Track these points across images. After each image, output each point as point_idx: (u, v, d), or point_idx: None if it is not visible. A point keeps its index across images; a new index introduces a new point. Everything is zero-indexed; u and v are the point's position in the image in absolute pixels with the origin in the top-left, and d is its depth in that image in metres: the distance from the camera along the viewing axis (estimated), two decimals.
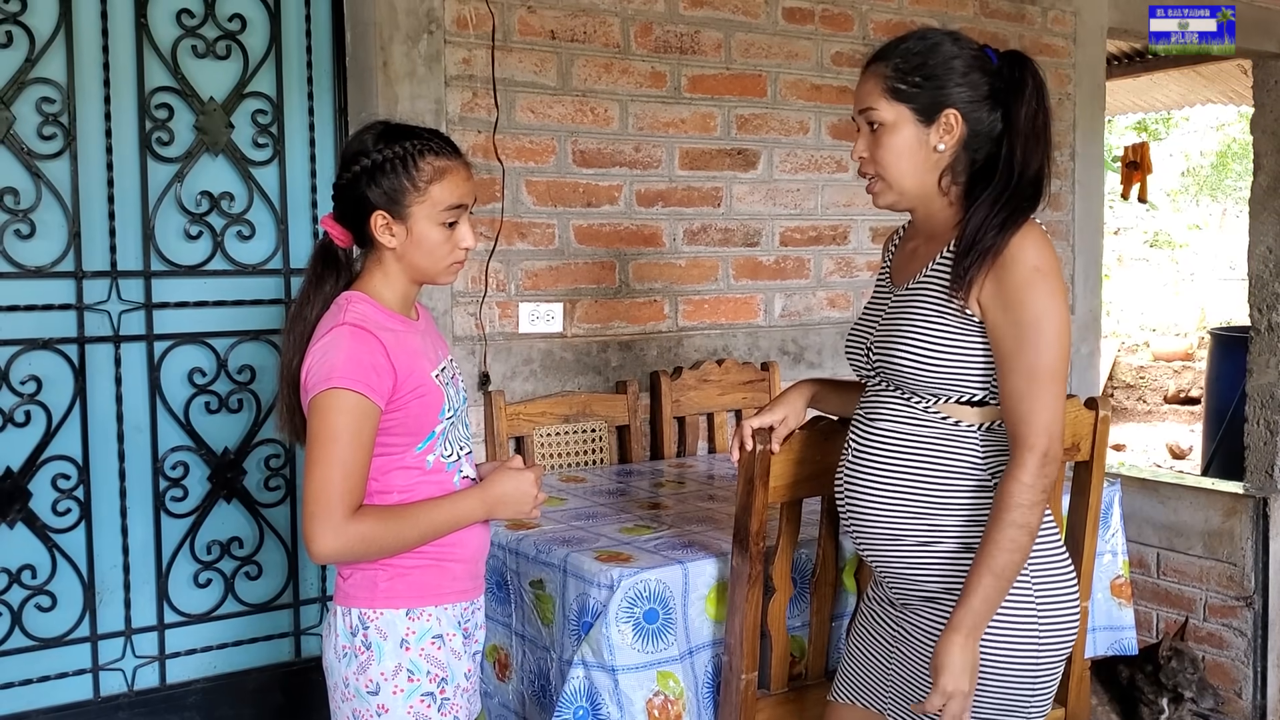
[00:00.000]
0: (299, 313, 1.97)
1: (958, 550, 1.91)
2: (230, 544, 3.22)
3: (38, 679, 2.98)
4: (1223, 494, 3.63)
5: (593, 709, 2.21)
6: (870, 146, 1.95)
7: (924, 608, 1.95)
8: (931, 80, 1.89)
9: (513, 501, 2.02)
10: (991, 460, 1.91)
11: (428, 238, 1.93)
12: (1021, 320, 1.82)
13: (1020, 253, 1.83)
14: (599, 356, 3.61)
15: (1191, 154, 15.82)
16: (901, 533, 1.95)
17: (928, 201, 1.97)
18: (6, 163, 2.90)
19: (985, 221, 1.86)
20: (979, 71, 1.91)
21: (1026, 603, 1.88)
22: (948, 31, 1.95)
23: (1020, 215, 1.86)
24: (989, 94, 1.91)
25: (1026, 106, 1.90)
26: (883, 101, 1.92)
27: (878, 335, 2.00)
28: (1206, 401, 7.46)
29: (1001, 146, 1.91)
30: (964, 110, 1.89)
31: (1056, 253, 1.88)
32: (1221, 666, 3.57)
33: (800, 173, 3.98)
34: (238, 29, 3.15)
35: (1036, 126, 1.91)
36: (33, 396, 2.94)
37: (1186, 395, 10.88)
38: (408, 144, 1.91)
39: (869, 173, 1.97)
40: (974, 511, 1.90)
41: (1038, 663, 1.89)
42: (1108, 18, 4.72)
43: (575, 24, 3.49)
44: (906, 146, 1.92)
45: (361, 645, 1.92)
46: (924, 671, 1.92)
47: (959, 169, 1.93)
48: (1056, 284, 1.84)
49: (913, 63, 1.90)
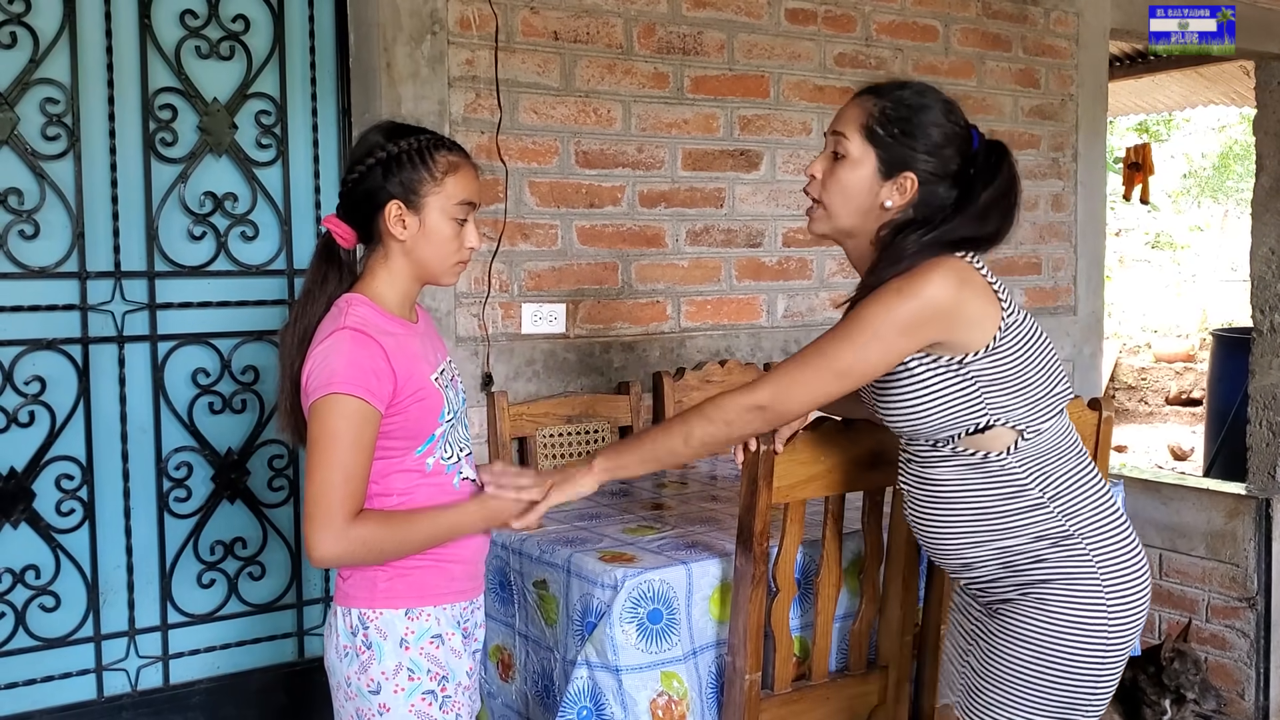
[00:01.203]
0: (300, 313, 1.97)
1: (1030, 563, 1.93)
2: (234, 544, 3.22)
3: (41, 679, 2.98)
4: (1225, 495, 3.63)
5: (596, 709, 2.21)
6: (825, 171, 1.99)
7: (1003, 607, 1.97)
8: (907, 138, 1.91)
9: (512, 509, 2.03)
10: (1035, 476, 1.93)
11: (439, 231, 1.94)
12: (848, 317, 1.88)
13: (896, 276, 1.85)
14: (601, 357, 3.61)
15: (1193, 155, 15.83)
16: (974, 559, 1.98)
17: (859, 244, 2.00)
18: (10, 163, 2.90)
19: (896, 260, 1.88)
20: (954, 148, 1.92)
21: (1097, 600, 1.90)
22: (946, 100, 1.95)
23: (932, 254, 1.87)
24: (955, 173, 1.92)
25: (994, 190, 1.90)
26: (856, 136, 1.94)
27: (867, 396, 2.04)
28: (1208, 403, 7.46)
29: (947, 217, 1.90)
30: (922, 179, 1.91)
31: (952, 285, 1.84)
32: (1224, 667, 3.57)
33: (803, 174, 3.97)
34: (241, 30, 3.16)
35: (1001, 207, 1.91)
36: (36, 397, 2.94)
37: (1188, 397, 10.88)
38: (423, 138, 1.95)
39: (814, 195, 2.01)
40: (1039, 528, 1.92)
41: (1105, 662, 1.92)
42: (1110, 19, 4.72)
43: (578, 25, 3.50)
44: (858, 189, 1.94)
45: (362, 645, 1.93)
46: (992, 665, 1.95)
47: (898, 228, 1.94)
48: (904, 304, 1.83)
49: (898, 114, 1.92)
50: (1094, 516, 1.93)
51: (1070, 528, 1.91)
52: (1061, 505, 1.92)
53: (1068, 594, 1.90)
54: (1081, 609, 1.89)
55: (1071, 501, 1.93)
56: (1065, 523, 1.91)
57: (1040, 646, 1.90)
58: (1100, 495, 1.97)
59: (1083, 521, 1.92)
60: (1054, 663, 1.90)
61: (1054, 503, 1.92)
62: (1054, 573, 1.91)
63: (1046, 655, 1.90)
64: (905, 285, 1.84)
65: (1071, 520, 1.92)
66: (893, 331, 1.85)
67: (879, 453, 2.35)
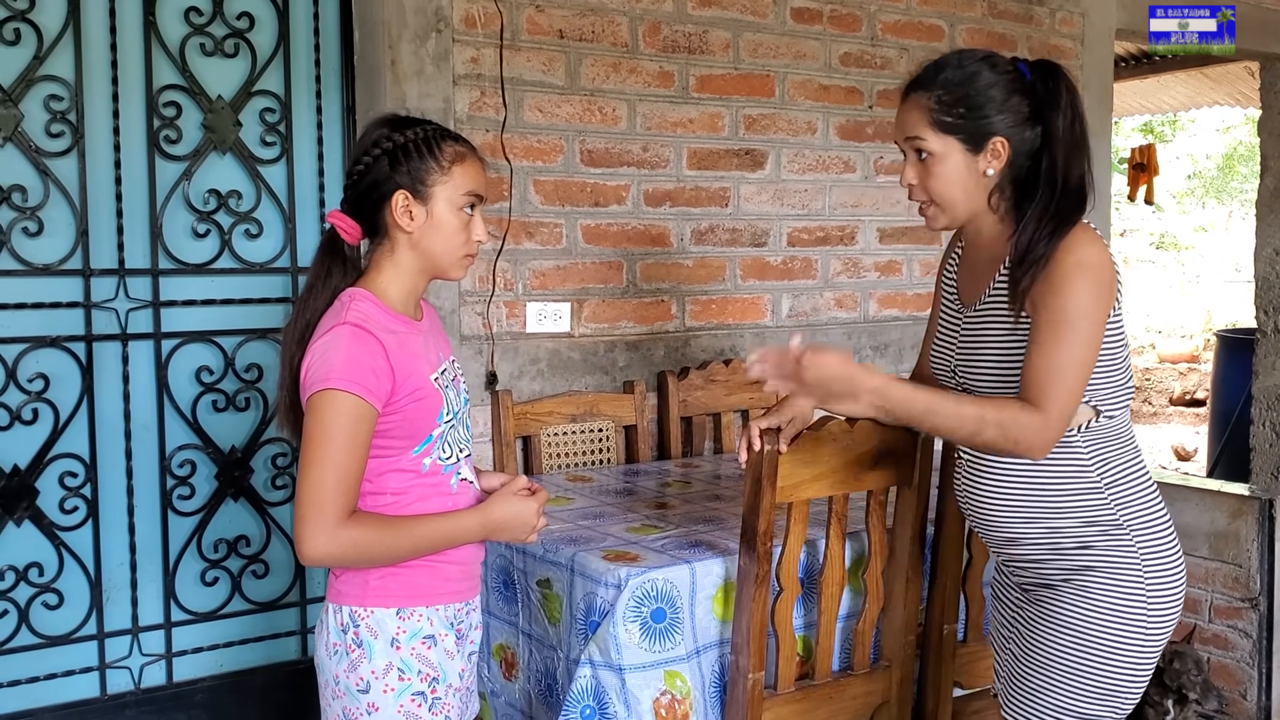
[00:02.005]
0: (303, 307, 1.95)
1: (1076, 547, 1.96)
2: (237, 542, 3.22)
3: (45, 676, 2.99)
4: (1228, 496, 3.61)
5: (600, 708, 2.21)
6: (920, 175, 2.00)
7: (1044, 593, 2.00)
8: (975, 111, 1.93)
9: (512, 528, 1.99)
10: (1097, 460, 1.95)
11: (447, 222, 1.93)
12: (1054, 309, 1.86)
13: (1065, 252, 1.87)
14: (606, 356, 3.61)
15: (1198, 156, 15.82)
16: (1022, 534, 2.01)
17: (978, 219, 2.02)
18: (14, 161, 2.90)
19: (1034, 235, 1.90)
20: (1018, 94, 1.94)
21: (1138, 590, 1.93)
22: (983, 55, 1.98)
23: (1067, 224, 1.90)
24: (1029, 114, 1.94)
25: (1063, 117, 1.93)
26: (930, 133, 1.96)
27: (958, 357, 2.05)
28: (1212, 403, 7.44)
29: (1042, 158, 1.94)
30: (1009, 135, 1.94)
31: (1108, 253, 1.90)
32: (1226, 668, 3.56)
33: (808, 173, 3.98)
34: (246, 27, 3.16)
35: (1075, 135, 1.94)
36: (40, 394, 2.95)
37: (1192, 397, 10.86)
38: (429, 128, 1.94)
39: (920, 199, 2.03)
40: (1090, 513, 1.95)
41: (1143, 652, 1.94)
42: (1115, 19, 4.71)
43: (583, 23, 3.49)
44: (957, 174, 1.96)
45: (352, 643, 1.91)
46: (1034, 651, 1.98)
47: (1005, 184, 1.98)
48: (1097, 281, 1.87)
49: (955, 94, 1.94)
50: (1143, 509, 1.97)
51: (1121, 517, 1.94)
52: (1115, 494, 1.95)
53: (1110, 583, 1.93)
54: (1123, 599, 1.93)
55: (1125, 491, 1.96)
56: (1116, 512, 1.95)
57: (1080, 633, 1.94)
58: (1150, 490, 2.00)
59: (1133, 512, 1.95)
60: (1093, 650, 1.93)
61: (1109, 489, 1.95)
62: (1098, 560, 1.94)
63: (1088, 641, 1.93)
64: (1083, 256, 1.87)
65: (1123, 510, 1.95)
66: (1100, 311, 1.88)
67: (882, 452, 2.35)
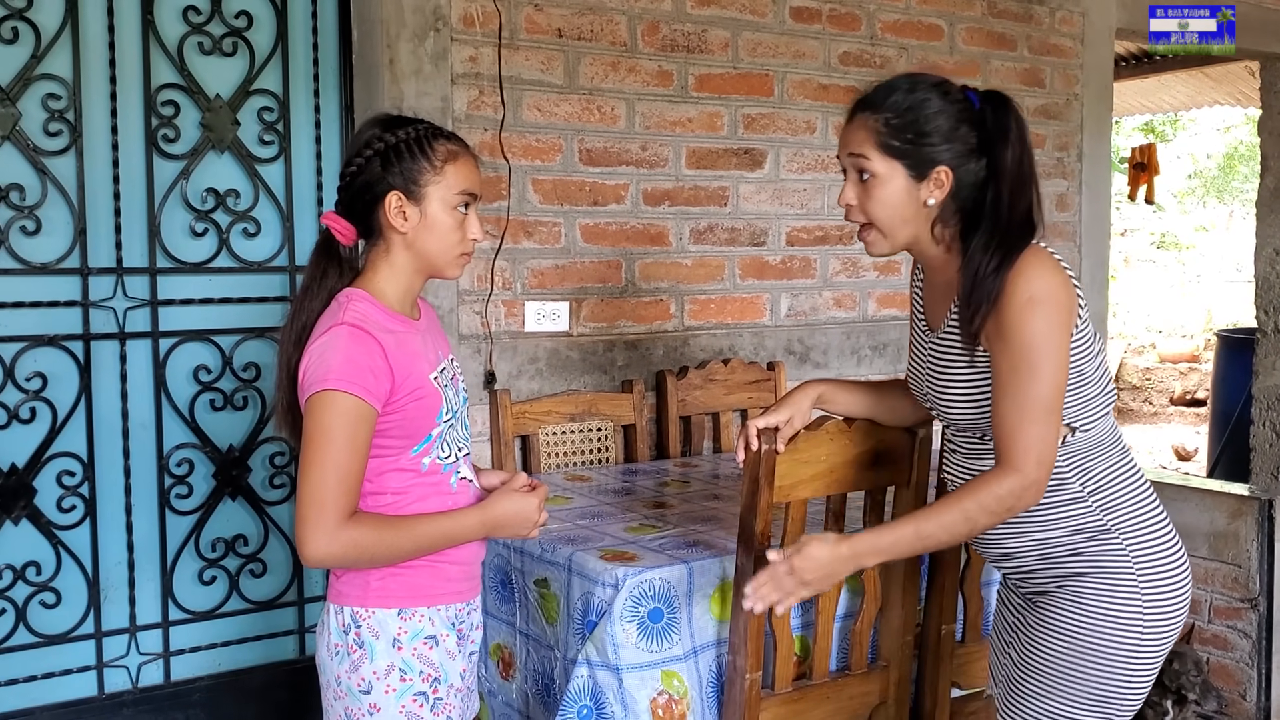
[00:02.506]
0: (299, 309, 1.94)
1: (1066, 556, 1.96)
2: (235, 541, 3.22)
3: (42, 676, 2.99)
4: (1228, 496, 3.61)
5: (597, 708, 2.21)
6: (860, 196, 1.97)
7: (1040, 599, 2.00)
8: (922, 138, 1.91)
9: (514, 525, 1.99)
10: (1077, 470, 1.95)
11: (441, 221, 1.92)
12: (1014, 348, 1.84)
13: (1014, 287, 1.85)
14: (605, 355, 3.60)
15: (1198, 156, 15.80)
16: (1012, 549, 2.02)
17: (923, 248, 2.00)
18: (12, 159, 2.90)
19: (980, 269, 1.88)
20: (966, 124, 1.92)
21: (1133, 594, 1.92)
22: (935, 81, 1.96)
23: (1014, 253, 1.87)
24: (976, 146, 1.92)
25: (1011, 151, 1.91)
26: (875, 154, 1.93)
27: (927, 381, 2.05)
28: (1212, 403, 7.44)
29: (988, 190, 1.92)
30: (954, 165, 1.91)
31: (1060, 274, 1.87)
32: (1225, 668, 3.56)
33: (807, 172, 3.98)
34: (244, 26, 3.15)
35: (1022, 169, 1.92)
36: (38, 393, 2.94)
37: (1192, 397, 10.85)
38: (420, 127, 1.93)
39: (857, 220, 1.99)
40: (1076, 522, 1.95)
41: (1140, 657, 1.93)
42: (1115, 18, 4.71)
43: (582, 22, 3.49)
44: (897, 199, 1.94)
45: (354, 644, 1.90)
46: (1030, 656, 1.98)
47: (948, 216, 1.95)
48: (1053, 312, 1.84)
49: (904, 119, 1.91)
50: (1134, 513, 1.95)
51: (1108, 523, 1.94)
52: (1100, 500, 1.94)
53: (1103, 589, 1.92)
54: (1116, 604, 1.91)
55: (1111, 498, 1.95)
56: (1103, 518, 1.94)
57: (1075, 639, 1.93)
58: (1142, 494, 1.99)
59: (1121, 518, 1.94)
60: (1088, 655, 1.92)
61: (1093, 498, 1.94)
62: (1089, 566, 1.93)
63: (1081, 647, 1.92)
64: (1034, 291, 1.84)
65: (1110, 515, 1.94)
66: (1060, 339, 1.86)
67: (880, 452, 2.35)
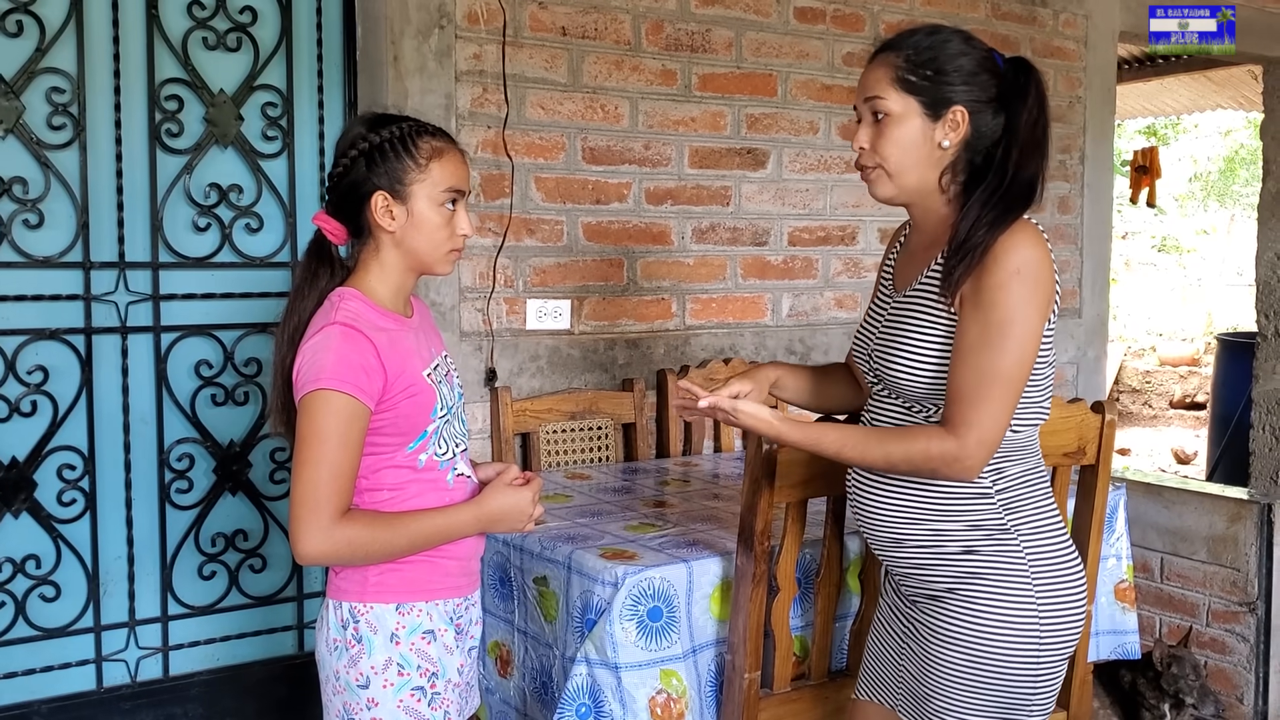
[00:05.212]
0: (292, 308, 1.95)
1: (960, 553, 1.90)
2: (235, 536, 3.22)
3: (41, 669, 2.99)
4: (1227, 499, 3.61)
5: (595, 706, 2.21)
6: (873, 137, 1.92)
7: (930, 605, 1.95)
8: (941, 75, 1.88)
9: (508, 519, 1.99)
10: (991, 470, 1.90)
11: (428, 219, 1.92)
12: (989, 319, 1.80)
13: (1004, 254, 1.81)
14: (606, 354, 3.61)
15: (1200, 159, 15.81)
16: (906, 536, 1.95)
17: (925, 198, 1.95)
18: (16, 152, 2.90)
19: (976, 221, 1.84)
20: (987, 73, 1.90)
21: (1028, 602, 1.87)
22: (957, 30, 1.94)
23: (1011, 215, 1.84)
24: (994, 97, 1.89)
25: (1028, 113, 1.88)
26: (892, 91, 1.89)
27: (877, 342, 1.99)
28: (1212, 407, 7.45)
29: (999, 150, 1.90)
30: (970, 109, 1.88)
31: (1049, 257, 1.84)
32: (1223, 672, 3.56)
33: (809, 173, 3.98)
34: (249, 21, 3.16)
35: (1036, 134, 1.90)
36: (39, 387, 2.94)
37: (1192, 400, 10.86)
38: (404, 125, 1.92)
39: (869, 164, 1.95)
40: (977, 517, 1.90)
41: (1038, 664, 1.89)
42: (1119, 21, 4.70)
43: (586, 21, 3.49)
44: (911, 139, 1.89)
45: (352, 639, 1.91)
46: (929, 669, 1.92)
47: (959, 169, 1.92)
48: (1035, 290, 1.81)
49: (924, 56, 1.88)
50: (1035, 519, 1.91)
51: (1009, 523, 1.89)
52: (1005, 500, 1.90)
53: (997, 593, 1.87)
54: (1011, 610, 1.87)
55: (1016, 499, 1.91)
56: (1005, 518, 1.89)
57: (970, 646, 1.88)
58: (1046, 503, 1.95)
59: (1023, 519, 1.90)
60: (984, 662, 1.87)
61: (999, 496, 1.90)
62: (984, 567, 1.88)
63: (976, 654, 1.88)
64: (1021, 264, 1.80)
65: (1012, 516, 1.90)
66: (1036, 320, 1.82)
67: None
